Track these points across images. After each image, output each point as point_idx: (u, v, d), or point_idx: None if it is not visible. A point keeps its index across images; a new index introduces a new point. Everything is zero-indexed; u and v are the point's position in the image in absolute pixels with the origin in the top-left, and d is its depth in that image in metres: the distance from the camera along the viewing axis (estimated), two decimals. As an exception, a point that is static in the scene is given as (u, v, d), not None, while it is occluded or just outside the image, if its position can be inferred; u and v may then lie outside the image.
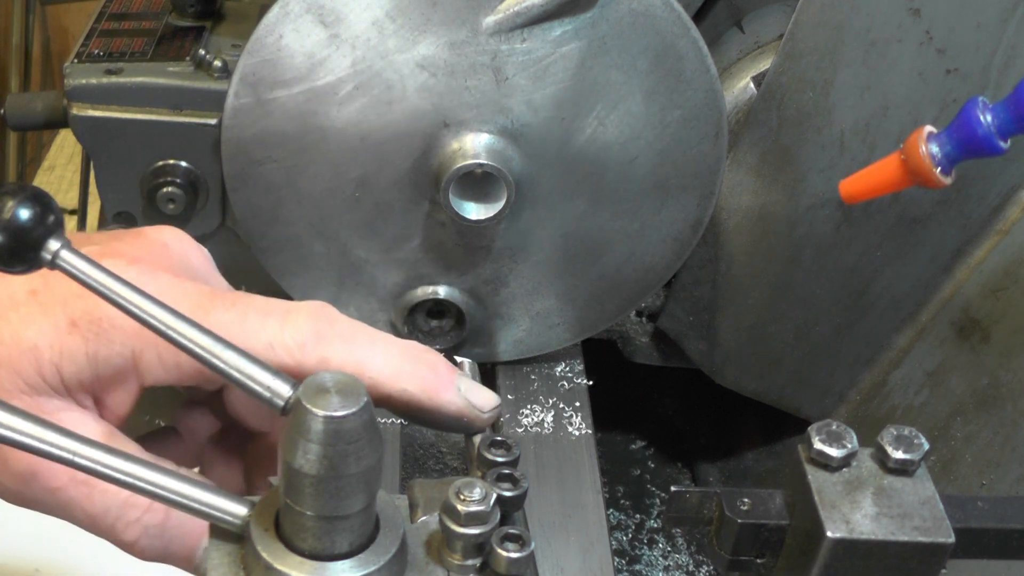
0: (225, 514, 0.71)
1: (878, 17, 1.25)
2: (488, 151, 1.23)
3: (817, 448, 0.77)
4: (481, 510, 0.70)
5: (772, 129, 1.35)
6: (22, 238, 0.72)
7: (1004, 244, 1.36)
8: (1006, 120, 0.86)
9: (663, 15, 1.20)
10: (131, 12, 1.54)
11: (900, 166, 0.89)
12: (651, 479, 1.69)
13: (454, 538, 0.71)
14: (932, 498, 0.76)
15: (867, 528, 0.73)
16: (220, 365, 0.75)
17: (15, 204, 0.72)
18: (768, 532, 0.78)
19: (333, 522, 0.67)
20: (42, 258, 0.74)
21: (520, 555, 0.70)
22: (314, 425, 0.64)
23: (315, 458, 0.65)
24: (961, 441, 1.34)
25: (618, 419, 1.71)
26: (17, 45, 2.60)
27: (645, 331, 1.60)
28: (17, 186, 0.75)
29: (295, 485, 0.66)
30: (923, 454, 0.76)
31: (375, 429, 0.66)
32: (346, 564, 0.68)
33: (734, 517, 0.78)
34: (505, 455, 0.78)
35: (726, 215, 1.42)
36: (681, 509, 0.81)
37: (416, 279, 1.35)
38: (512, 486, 0.76)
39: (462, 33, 1.19)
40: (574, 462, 1.35)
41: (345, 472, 0.65)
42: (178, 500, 0.71)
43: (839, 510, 0.74)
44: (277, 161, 1.26)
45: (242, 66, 1.21)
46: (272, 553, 0.68)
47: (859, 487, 0.76)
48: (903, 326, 1.46)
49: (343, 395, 0.65)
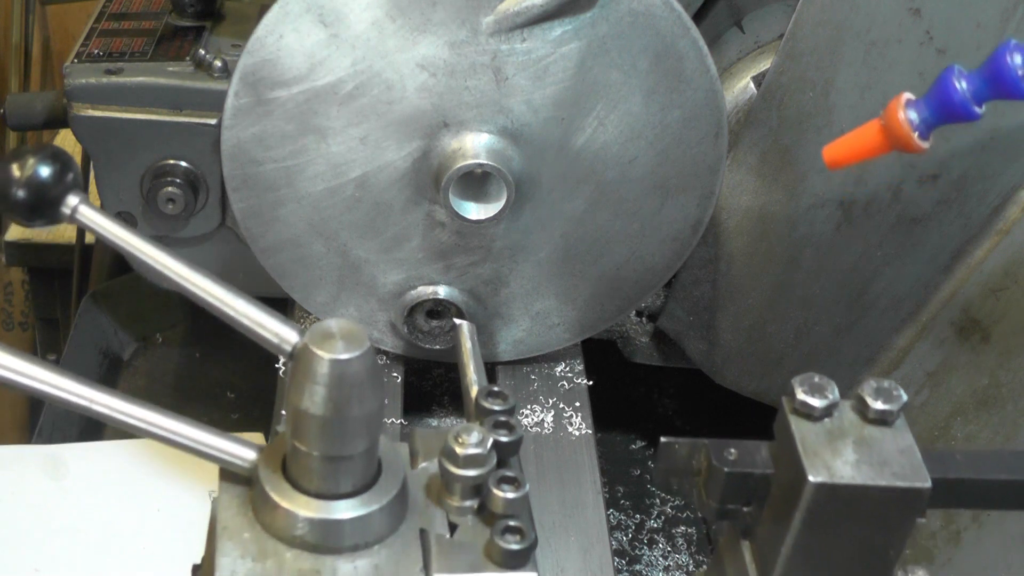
0: (235, 458, 0.75)
1: (878, 17, 1.25)
2: (488, 151, 1.23)
3: (800, 399, 0.80)
4: (478, 453, 0.74)
5: (772, 129, 1.35)
6: (43, 194, 0.79)
7: (1004, 244, 1.36)
8: (980, 87, 0.88)
9: (663, 15, 1.20)
10: (131, 12, 1.54)
11: (880, 132, 0.91)
12: (651, 479, 1.69)
13: (453, 480, 0.75)
14: (910, 447, 0.79)
15: (847, 474, 0.76)
16: (231, 313, 0.79)
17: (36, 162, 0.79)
18: (754, 481, 0.80)
19: (337, 462, 0.72)
20: (61, 213, 0.80)
21: (516, 495, 0.74)
22: (320, 368, 0.69)
23: (320, 400, 0.69)
24: (961, 441, 1.34)
25: (618, 419, 1.71)
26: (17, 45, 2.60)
27: (645, 331, 1.60)
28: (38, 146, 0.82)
29: (302, 426, 0.71)
30: (902, 405, 0.79)
31: (377, 374, 0.71)
32: (349, 503, 0.73)
33: (721, 467, 0.80)
34: (502, 404, 0.81)
35: (726, 215, 1.42)
36: (670, 460, 0.83)
37: (416, 279, 1.35)
38: (508, 433, 0.79)
39: (462, 33, 1.19)
40: (574, 462, 1.35)
41: (349, 414, 0.70)
42: (190, 445, 0.75)
43: (821, 457, 0.77)
44: (277, 161, 1.26)
45: (242, 66, 1.21)
46: (280, 492, 0.73)
47: (840, 436, 0.79)
48: (903, 326, 1.46)
49: (347, 340, 0.69)
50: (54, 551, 1.38)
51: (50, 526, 1.41)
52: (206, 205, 1.39)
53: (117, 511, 1.44)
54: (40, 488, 1.45)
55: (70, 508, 1.43)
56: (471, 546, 0.74)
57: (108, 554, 1.38)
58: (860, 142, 0.93)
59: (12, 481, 1.45)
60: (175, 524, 1.41)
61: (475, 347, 1.03)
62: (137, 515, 1.43)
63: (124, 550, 1.38)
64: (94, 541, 1.40)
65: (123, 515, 1.43)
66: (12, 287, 2.63)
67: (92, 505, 1.44)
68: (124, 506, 1.44)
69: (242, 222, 1.31)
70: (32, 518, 1.41)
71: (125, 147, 1.34)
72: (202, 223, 1.42)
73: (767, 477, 0.80)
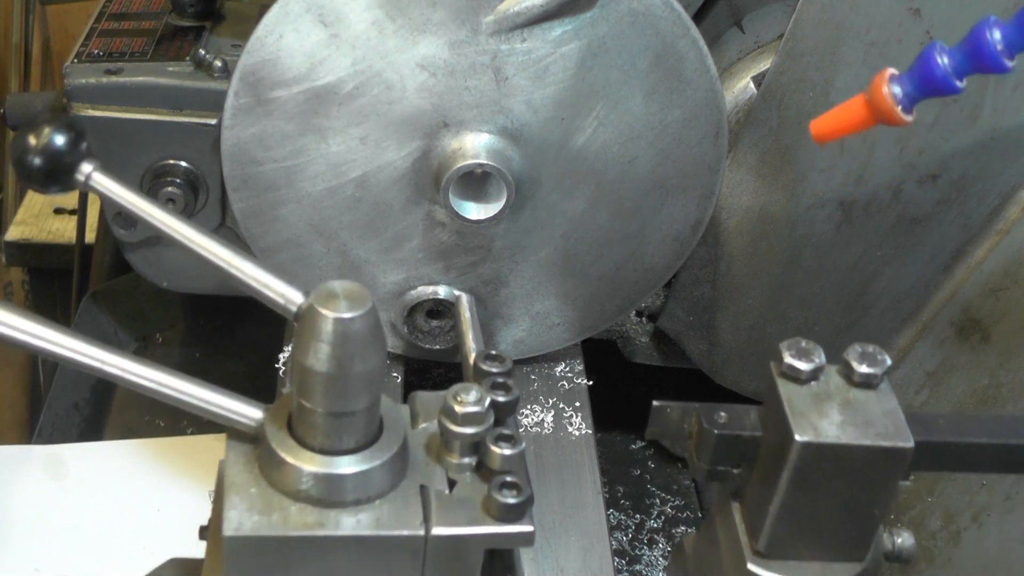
0: (242, 417, 0.78)
1: (878, 17, 1.25)
2: (488, 151, 1.23)
3: (787, 362, 0.82)
4: (477, 411, 0.77)
5: (772, 129, 1.35)
6: (57, 161, 0.84)
7: (1004, 244, 1.36)
8: (961, 61, 0.91)
9: (663, 15, 1.20)
10: (131, 12, 1.54)
11: (865, 106, 0.94)
12: (651, 479, 1.69)
13: (452, 438, 0.78)
14: (894, 409, 0.81)
15: (832, 433, 0.79)
16: (238, 275, 0.83)
17: (51, 131, 0.83)
18: (743, 444, 0.83)
19: (340, 418, 0.74)
20: (75, 180, 0.85)
21: (512, 452, 0.77)
22: (324, 326, 0.71)
23: (325, 357, 0.72)
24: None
25: (618, 419, 1.71)
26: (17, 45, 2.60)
27: (645, 331, 1.60)
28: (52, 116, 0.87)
29: (307, 384, 0.73)
30: (886, 369, 0.82)
31: (380, 333, 0.73)
32: (352, 459, 0.75)
33: (711, 429, 0.82)
34: (499, 366, 0.84)
35: (726, 215, 1.42)
36: (662, 424, 0.86)
37: (416, 279, 1.35)
38: (505, 393, 0.81)
39: (462, 33, 1.19)
40: (574, 462, 1.35)
41: (352, 371, 0.73)
42: (199, 404, 0.78)
43: (807, 418, 0.80)
44: (277, 161, 1.26)
45: (242, 66, 1.21)
46: (285, 449, 0.75)
47: (826, 399, 0.81)
48: (903, 326, 1.46)
49: (351, 300, 0.72)
50: (54, 551, 1.38)
51: (50, 526, 1.41)
52: (206, 205, 1.39)
53: (117, 511, 1.44)
54: (40, 488, 1.46)
55: (70, 508, 1.43)
56: (469, 501, 0.77)
57: (108, 554, 1.38)
58: (846, 116, 0.95)
59: (12, 481, 1.45)
60: (175, 524, 1.41)
61: (474, 317, 1.10)
62: (137, 515, 1.43)
63: (124, 550, 1.39)
64: (94, 541, 1.40)
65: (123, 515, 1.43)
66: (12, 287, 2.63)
67: (92, 505, 1.44)
68: (124, 506, 1.44)
69: (242, 222, 1.31)
70: (32, 518, 1.41)
71: (125, 147, 1.34)
72: (202, 223, 1.41)
73: (756, 439, 0.83)
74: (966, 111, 1.30)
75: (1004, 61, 0.90)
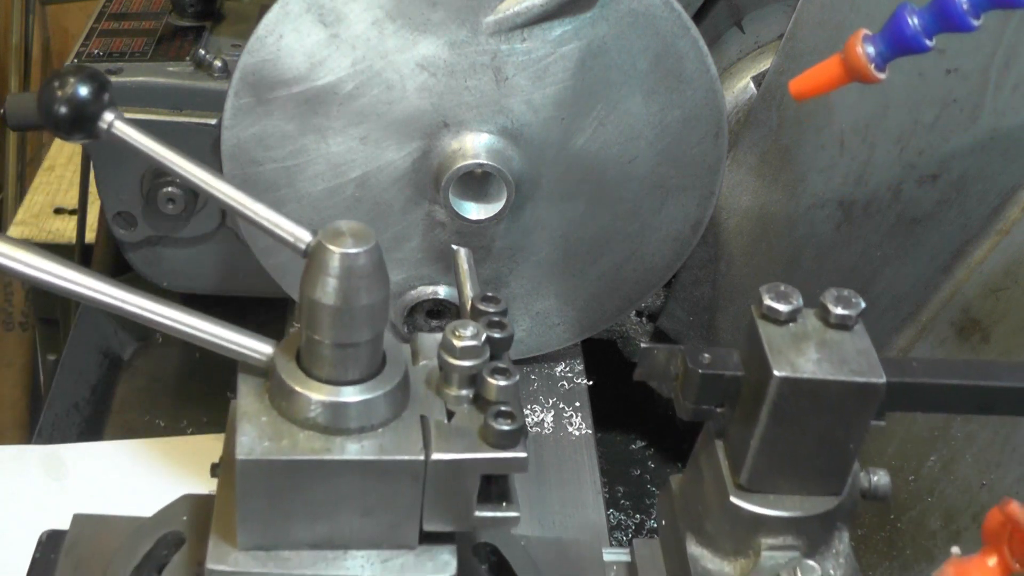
0: (253, 351, 0.84)
1: (878, 17, 1.25)
2: (488, 151, 1.23)
3: (767, 304, 0.88)
4: (474, 345, 0.82)
5: (772, 129, 1.35)
6: (82, 110, 0.89)
7: (1004, 244, 1.36)
8: (930, 22, 0.96)
9: (663, 15, 1.20)
10: (131, 12, 1.54)
11: (840, 65, 0.98)
12: (651, 479, 1.69)
13: (451, 371, 0.83)
14: (868, 349, 0.86)
15: (809, 369, 0.84)
16: (250, 215, 0.88)
17: (76, 81, 0.89)
18: (726, 383, 0.88)
19: (346, 349, 0.80)
20: (99, 128, 0.90)
21: (507, 383, 0.81)
22: (331, 261, 0.77)
23: (332, 290, 0.77)
24: (961, 441, 1.34)
25: (618, 419, 1.71)
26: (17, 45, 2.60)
27: (645, 331, 1.60)
28: (76, 67, 0.92)
29: (315, 317, 0.79)
30: (860, 311, 0.87)
31: (383, 269, 0.79)
32: (356, 388, 0.81)
33: (696, 369, 0.87)
34: (495, 307, 0.88)
35: (726, 215, 1.42)
36: (650, 365, 0.90)
37: (416, 279, 1.35)
38: (500, 331, 0.85)
39: (462, 33, 1.19)
40: (574, 462, 1.35)
41: (357, 303, 0.78)
42: (212, 340, 0.83)
43: (785, 356, 0.85)
44: (277, 161, 1.26)
45: (242, 66, 1.21)
46: (295, 379, 0.81)
47: (804, 339, 0.87)
48: (903, 326, 1.46)
49: (356, 237, 0.77)
50: (54, 551, 1.38)
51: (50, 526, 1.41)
52: (206, 205, 1.39)
53: (117, 511, 1.43)
54: (40, 488, 1.46)
55: (70, 508, 1.43)
56: (467, 430, 0.81)
57: (108, 554, 1.38)
58: (823, 75, 1.00)
59: (12, 481, 1.45)
60: (175, 524, 1.40)
61: (472, 269, 1.16)
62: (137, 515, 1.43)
63: (124, 550, 1.38)
64: (94, 541, 1.40)
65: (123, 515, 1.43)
66: (12, 287, 2.63)
67: (92, 505, 1.44)
68: (124, 506, 1.44)
69: (242, 222, 1.31)
70: (32, 518, 1.41)
71: (125, 147, 1.34)
72: (202, 223, 1.42)
73: (738, 379, 0.87)
74: (966, 111, 1.30)
75: (970, 20, 0.94)
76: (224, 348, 0.84)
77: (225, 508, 0.83)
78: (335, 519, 0.82)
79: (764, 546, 0.89)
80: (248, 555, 0.82)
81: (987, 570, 0.83)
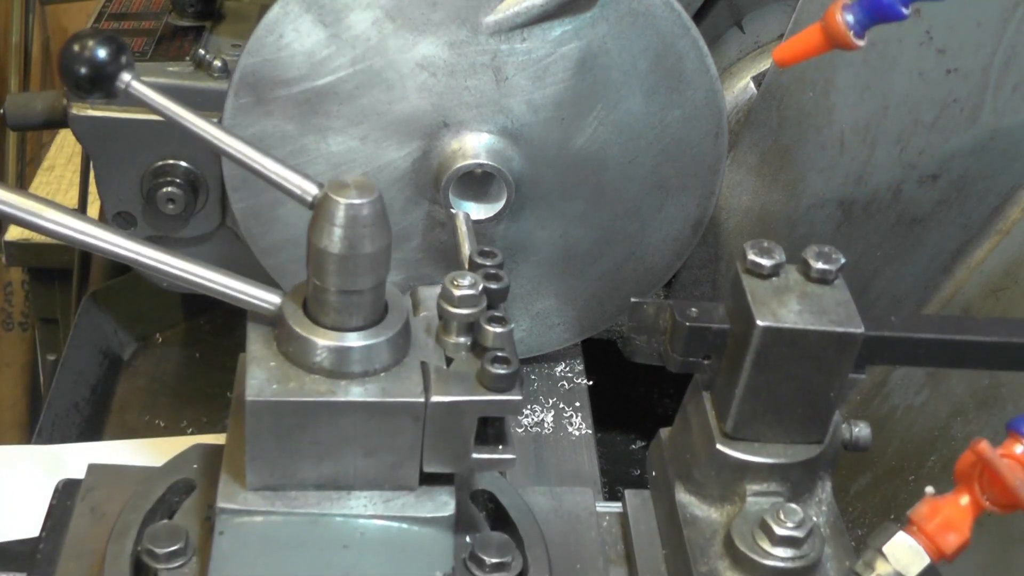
0: (262, 301, 0.88)
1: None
2: (488, 151, 1.23)
3: (751, 259, 0.91)
4: (471, 294, 0.86)
5: (772, 129, 1.35)
6: (101, 70, 0.92)
7: (1004, 244, 1.36)
8: None
9: (663, 15, 1.20)
10: (131, 12, 1.54)
11: (821, 32, 1.01)
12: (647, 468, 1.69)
13: (449, 319, 0.87)
14: (847, 301, 0.91)
15: (790, 319, 0.88)
16: (259, 168, 0.91)
17: (95, 43, 0.92)
18: (713, 335, 0.92)
19: (350, 296, 0.84)
20: (116, 88, 0.93)
21: (503, 330, 0.85)
22: (337, 211, 0.81)
23: (337, 239, 0.81)
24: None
25: (618, 419, 1.70)
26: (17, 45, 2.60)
27: (645, 331, 1.60)
28: (95, 30, 0.97)
29: (321, 265, 0.83)
30: (840, 266, 0.92)
31: (386, 219, 0.83)
32: (360, 334, 0.85)
33: (684, 322, 0.91)
34: (492, 260, 0.93)
35: (726, 215, 1.42)
36: (640, 319, 0.94)
37: (416, 279, 1.35)
38: (497, 282, 0.89)
39: (462, 33, 1.19)
40: (574, 462, 1.35)
41: (361, 251, 0.82)
42: (222, 290, 0.88)
43: (768, 307, 0.89)
44: (277, 161, 1.26)
45: (242, 66, 1.21)
46: (301, 325, 0.85)
47: (786, 291, 0.91)
48: (903, 326, 1.46)
49: (360, 189, 0.81)
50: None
51: (50, 526, 1.41)
52: (206, 205, 1.39)
53: (117, 511, 1.43)
54: (40, 488, 1.45)
55: (70, 508, 1.43)
56: (465, 374, 0.86)
57: (108, 554, 1.38)
58: (805, 42, 1.02)
59: (12, 481, 1.45)
60: (175, 524, 1.40)
61: (470, 230, 1.19)
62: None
63: (124, 550, 1.38)
64: (94, 541, 1.40)
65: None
66: (12, 287, 2.63)
67: (92, 505, 1.44)
68: (124, 506, 1.44)
69: (242, 222, 1.31)
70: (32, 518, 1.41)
71: (125, 147, 1.34)
72: (202, 223, 1.42)
73: (724, 331, 0.92)
74: (966, 111, 1.30)
75: None
76: (235, 298, 0.88)
77: (235, 451, 0.87)
78: (339, 460, 0.86)
79: (749, 492, 0.93)
80: (257, 495, 0.86)
81: (959, 508, 0.85)
